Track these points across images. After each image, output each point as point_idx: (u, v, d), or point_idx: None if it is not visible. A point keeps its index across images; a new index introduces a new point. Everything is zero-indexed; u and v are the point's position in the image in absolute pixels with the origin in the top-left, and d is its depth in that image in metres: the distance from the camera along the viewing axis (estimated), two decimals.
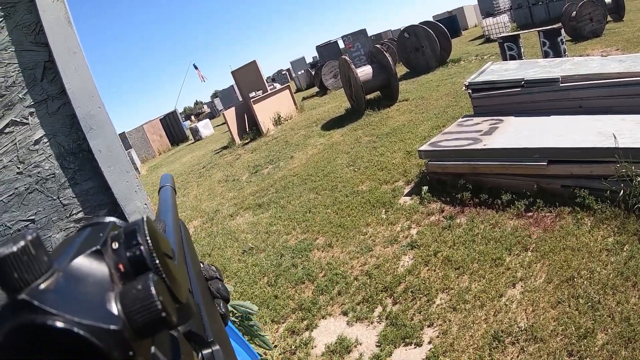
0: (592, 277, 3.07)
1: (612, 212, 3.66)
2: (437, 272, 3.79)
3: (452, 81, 11.88)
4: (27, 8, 1.34)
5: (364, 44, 24.02)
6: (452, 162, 5.11)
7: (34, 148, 1.34)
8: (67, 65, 1.35)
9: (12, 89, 1.32)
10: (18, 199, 1.31)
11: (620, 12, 18.92)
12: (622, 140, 3.73)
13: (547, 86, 5.31)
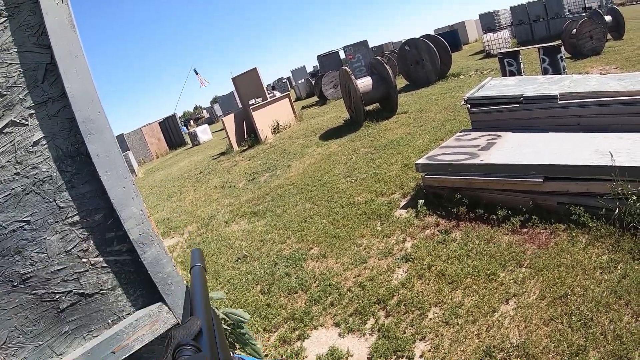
0: (585, 295, 3.06)
1: (607, 230, 3.67)
2: (430, 285, 3.77)
3: (452, 95, 11.96)
4: (31, 9, 1.36)
5: (364, 55, 24.18)
6: (449, 176, 5.12)
7: (32, 150, 1.36)
8: (68, 68, 1.36)
9: (13, 89, 1.34)
10: (14, 200, 1.33)
11: (620, 31, 19.18)
12: (619, 158, 3.74)
13: (546, 103, 5.34)
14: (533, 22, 26.99)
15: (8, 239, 1.33)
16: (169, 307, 1.54)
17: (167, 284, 1.55)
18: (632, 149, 4.07)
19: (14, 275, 1.35)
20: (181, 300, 1.57)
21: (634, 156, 3.87)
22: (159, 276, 1.54)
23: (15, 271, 1.35)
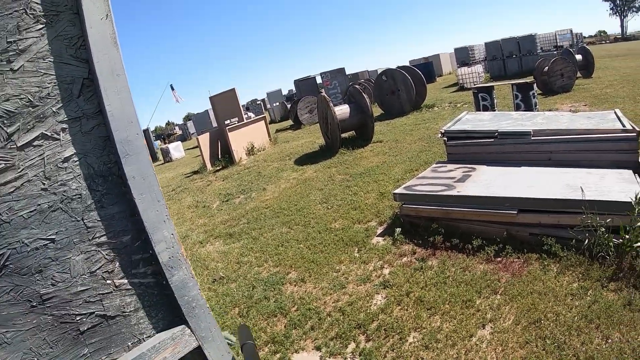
0: (558, 320, 3.24)
1: (577, 260, 3.90)
2: (409, 311, 3.87)
3: (426, 126, 12.31)
4: (70, 20, 1.36)
5: (341, 82, 24.71)
6: (426, 206, 5.27)
7: (62, 165, 1.35)
8: (109, 87, 1.37)
9: (46, 100, 1.32)
10: (39, 216, 1.31)
11: (590, 70, 20.27)
12: (589, 192, 4.01)
13: (519, 139, 5.63)
14: (506, 58, 28.16)
15: (30, 257, 1.30)
16: (191, 329, 1.55)
17: (191, 307, 1.56)
18: (601, 184, 4.35)
19: (33, 295, 1.31)
20: (203, 323, 1.58)
21: (602, 191, 4.14)
22: (184, 299, 1.55)
23: (35, 291, 1.32)
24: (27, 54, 1.28)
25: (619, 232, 3.75)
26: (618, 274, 3.67)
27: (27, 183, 1.28)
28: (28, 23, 1.28)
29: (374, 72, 38.58)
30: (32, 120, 1.29)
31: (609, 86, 15.61)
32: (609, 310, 3.23)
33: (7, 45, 1.24)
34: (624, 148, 5.03)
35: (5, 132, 1.24)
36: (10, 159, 1.25)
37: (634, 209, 3.68)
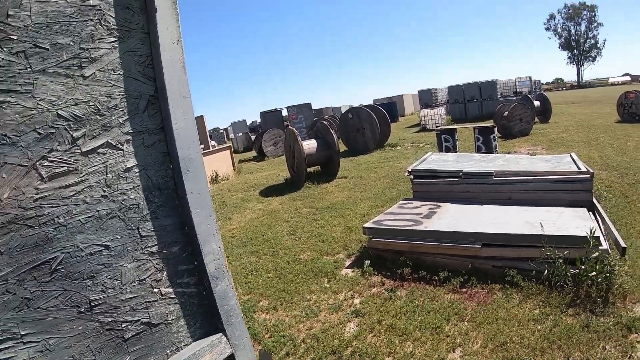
0: (522, 342, 3.54)
1: (537, 289, 4.25)
2: (382, 338, 4.04)
3: (390, 165, 12.75)
4: (141, 39, 1.45)
5: (306, 117, 25.21)
6: (394, 240, 5.52)
7: (123, 175, 1.41)
8: (177, 107, 1.47)
9: (114, 111, 1.39)
10: (97, 222, 1.35)
11: (547, 115, 21.72)
12: (548, 228, 4.41)
13: (483, 179, 6.04)
14: (467, 102, 29.47)
15: (82, 262, 1.34)
16: (227, 337, 1.61)
17: (229, 316, 1.63)
18: (558, 221, 4.76)
19: (82, 300, 1.33)
20: (238, 332, 1.64)
21: (560, 227, 4.55)
22: (224, 308, 1.62)
23: (85, 296, 1.34)
24: (99, 64, 1.36)
25: (576, 263, 4.15)
26: (575, 300, 4.05)
27: (88, 188, 1.34)
28: (102, 34, 1.37)
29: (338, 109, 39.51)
30: (99, 128, 1.36)
31: (565, 131, 16.78)
32: (569, 333, 3.58)
33: (80, 51, 1.32)
34: (579, 189, 5.54)
35: (71, 136, 1.30)
36: (73, 162, 1.31)
37: (589, 242, 4.07)
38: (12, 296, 1.20)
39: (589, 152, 11.53)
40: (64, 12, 1.29)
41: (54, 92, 1.28)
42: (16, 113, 1.20)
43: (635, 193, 7.51)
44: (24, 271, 1.22)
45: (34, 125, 1.24)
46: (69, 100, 1.30)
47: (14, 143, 1.20)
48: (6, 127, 1.19)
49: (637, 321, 3.65)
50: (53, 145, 1.28)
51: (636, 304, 3.97)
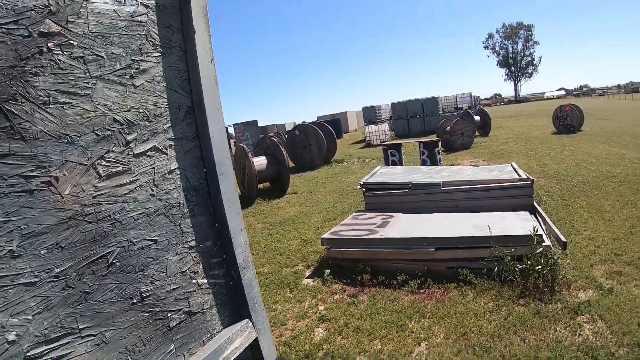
0: (481, 331, 3.94)
1: (489, 285, 4.71)
2: (350, 339, 4.28)
3: (338, 180, 13.14)
4: (179, 56, 1.62)
5: (253, 134, 25.30)
6: (352, 249, 5.80)
7: (168, 176, 1.56)
8: (212, 117, 1.66)
9: (159, 118, 1.54)
10: (147, 219, 1.47)
11: (487, 129, 23.14)
12: (494, 230, 4.88)
13: (431, 189, 6.52)
14: (410, 118, 30.58)
15: (135, 256, 1.45)
16: (253, 323, 1.80)
17: (254, 302, 1.82)
18: (502, 223, 5.28)
19: (134, 292, 1.45)
20: (260, 317, 1.83)
21: (505, 228, 5.06)
22: (250, 296, 1.80)
23: (137, 288, 1.45)
24: (147, 75, 1.54)
25: (522, 259, 4.67)
26: (525, 292, 4.54)
27: (139, 187, 1.49)
28: (148, 48, 1.55)
29: (282, 126, 39.71)
30: (148, 133, 1.52)
31: (504, 143, 18.02)
32: (522, 320, 4.04)
33: (131, 62, 1.48)
34: (521, 194, 6.16)
35: (125, 139, 1.45)
36: (127, 163, 1.45)
37: (533, 239, 4.59)
38: (72, 290, 1.28)
39: (527, 162, 12.52)
40: (117, 24, 1.45)
41: (109, 98, 1.42)
42: (77, 114, 1.33)
43: (572, 196, 8.41)
44: (83, 265, 1.32)
45: (92, 127, 1.37)
46: (122, 106, 1.46)
47: (75, 142, 1.32)
48: (67, 127, 1.30)
49: (582, 305, 4.20)
50: (109, 146, 1.41)
51: (580, 291, 4.54)
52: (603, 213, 7.15)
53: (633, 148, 13.54)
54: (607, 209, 7.37)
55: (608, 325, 3.84)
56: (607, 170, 10.50)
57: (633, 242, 5.70)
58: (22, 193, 1.19)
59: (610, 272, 4.88)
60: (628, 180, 9.27)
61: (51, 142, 1.26)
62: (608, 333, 3.72)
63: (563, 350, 3.51)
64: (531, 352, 3.53)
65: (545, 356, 3.46)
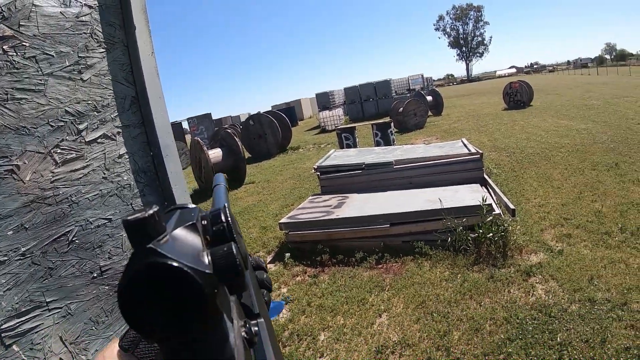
0: (438, 299, 4.11)
1: (444, 255, 4.90)
2: (314, 317, 4.38)
3: (294, 166, 13.19)
4: (122, 50, 1.71)
5: (207, 127, 24.86)
6: (310, 231, 5.88)
7: (118, 161, 1.64)
8: (155, 107, 1.73)
9: (107, 109, 1.63)
10: (101, 200, 1.57)
11: (439, 108, 23.64)
12: (446, 203, 5.08)
13: (383, 168, 6.69)
14: (364, 102, 30.73)
15: (92, 234, 1.57)
16: None
17: None
18: (455, 196, 5.50)
19: (94, 267, 1.57)
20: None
21: (457, 200, 5.28)
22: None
23: (96, 264, 1.57)
24: (93, 70, 1.63)
25: (474, 229, 4.88)
26: (479, 259, 4.77)
27: (92, 172, 1.60)
28: (93, 45, 1.64)
29: (237, 118, 39.19)
30: (97, 122, 1.63)
31: (457, 121, 18.53)
32: (477, 284, 4.26)
33: (79, 59, 1.59)
34: (471, 167, 6.44)
35: (77, 128, 1.56)
36: (79, 150, 1.56)
37: (482, 209, 4.82)
38: (38, 267, 1.41)
39: (479, 138, 12.98)
40: (64, 25, 1.55)
41: (61, 92, 1.52)
42: (32, 108, 1.43)
43: (521, 168, 8.82)
44: (46, 244, 1.44)
45: (47, 119, 1.47)
46: (73, 99, 1.56)
47: (32, 134, 1.43)
48: (25, 120, 1.41)
49: (534, 267, 4.47)
50: (63, 135, 1.52)
51: (531, 254, 4.82)
52: (552, 181, 7.54)
53: (581, 120, 14.20)
54: (556, 177, 7.77)
55: (559, 284, 4.09)
56: (556, 141, 11.03)
57: (581, 207, 6.05)
58: None
59: (560, 235, 5.19)
60: (576, 149, 9.76)
61: (11, 134, 1.38)
62: (560, 291, 3.97)
63: (517, 310, 3.73)
64: (487, 314, 3.74)
65: (501, 316, 3.67)
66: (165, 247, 0.35)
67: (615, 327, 3.31)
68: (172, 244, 0.37)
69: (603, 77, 44.62)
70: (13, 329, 1.32)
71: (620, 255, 4.47)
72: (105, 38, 1.68)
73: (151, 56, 1.79)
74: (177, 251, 0.36)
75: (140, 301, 0.34)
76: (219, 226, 0.48)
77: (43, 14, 1.47)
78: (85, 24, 1.61)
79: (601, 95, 22.31)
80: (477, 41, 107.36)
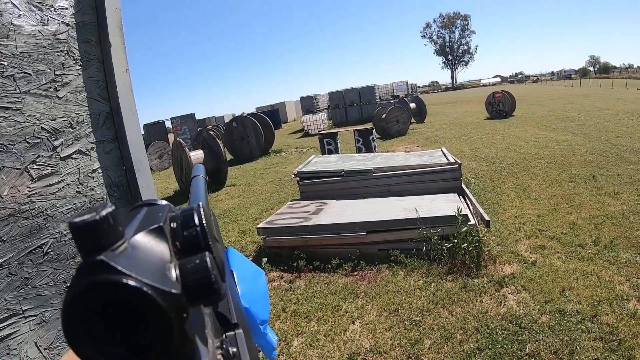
0: (411, 307, 4.20)
1: (419, 264, 5.00)
2: (288, 323, 4.43)
3: (276, 170, 13.22)
4: (98, 67, 1.74)
5: (190, 128, 24.74)
6: (287, 237, 5.91)
7: (91, 175, 1.68)
8: (129, 122, 1.77)
9: (81, 125, 1.66)
10: (74, 213, 1.59)
11: (422, 116, 23.90)
12: (422, 212, 5.18)
13: (362, 176, 6.78)
14: (348, 107, 30.81)
15: (66, 246, 1.62)
16: None
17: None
18: (431, 205, 5.60)
19: (68, 277, 1.63)
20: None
21: (433, 210, 5.37)
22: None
23: (70, 274, 1.63)
24: (69, 87, 1.68)
25: (449, 238, 4.98)
26: (453, 269, 4.87)
27: (66, 186, 1.66)
28: (69, 62, 1.69)
29: (221, 118, 39.01)
30: (72, 138, 1.68)
31: (439, 129, 18.72)
32: (450, 294, 4.36)
33: (55, 77, 1.63)
34: (449, 177, 6.56)
35: (52, 144, 1.61)
36: (55, 166, 1.62)
37: (457, 219, 4.92)
38: (15, 277, 1.47)
39: (460, 146, 13.16)
40: (41, 43, 1.59)
41: (37, 110, 1.57)
42: (10, 126, 1.48)
43: (500, 178, 8.99)
44: (22, 255, 1.50)
45: (24, 136, 1.53)
46: (49, 116, 1.61)
47: (10, 150, 1.48)
48: (3, 137, 1.46)
49: (507, 278, 4.58)
50: (39, 152, 1.58)
51: (505, 265, 4.93)
52: (529, 192, 7.69)
53: (561, 131, 14.49)
54: (534, 188, 7.93)
55: (531, 295, 4.20)
56: (535, 152, 11.24)
57: (556, 218, 6.21)
58: None
59: (534, 247, 5.32)
60: (554, 161, 9.97)
61: None
62: (531, 302, 4.08)
63: (488, 320, 3.83)
64: (458, 323, 3.83)
65: (472, 326, 3.77)
66: (121, 260, 0.29)
67: (584, 338, 3.41)
68: (129, 255, 0.30)
69: (586, 89, 45.62)
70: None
71: (593, 267, 4.60)
72: (82, 55, 1.73)
73: (125, 72, 1.84)
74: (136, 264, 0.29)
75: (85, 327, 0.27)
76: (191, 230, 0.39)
77: (21, 32, 1.51)
78: (62, 42, 1.66)
79: (583, 107, 22.79)
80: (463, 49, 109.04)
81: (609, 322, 3.59)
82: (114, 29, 1.81)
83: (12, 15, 1.48)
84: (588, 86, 50.66)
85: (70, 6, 1.69)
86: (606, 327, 3.53)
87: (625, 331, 3.45)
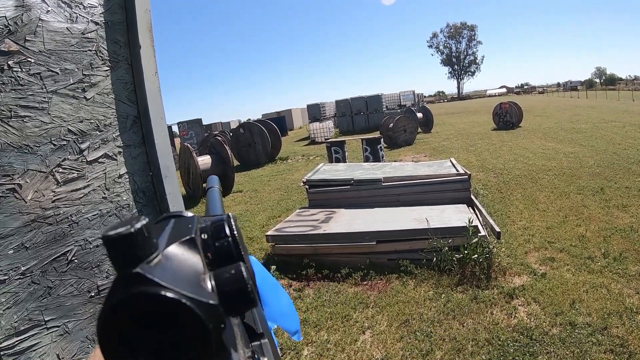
0: (422, 318, 4.17)
1: (429, 274, 4.97)
2: None
3: (282, 177, 13.21)
4: (126, 69, 1.71)
5: (197, 133, 24.82)
6: (296, 245, 5.90)
7: (118, 180, 1.64)
8: (157, 127, 1.74)
9: (109, 128, 1.63)
10: (100, 220, 1.57)
11: (429, 125, 23.84)
12: (432, 223, 5.15)
13: (372, 185, 6.76)
14: (355, 115, 30.87)
15: (91, 254, 1.58)
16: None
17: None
18: (441, 216, 5.57)
19: (92, 286, 1.58)
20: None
21: (443, 220, 5.35)
22: None
23: (94, 283, 1.59)
24: (97, 88, 1.65)
25: (460, 249, 4.96)
26: (463, 280, 4.84)
27: (92, 192, 1.62)
28: (98, 63, 1.66)
29: (227, 124, 39.13)
30: (99, 142, 1.65)
31: (446, 139, 18.69)
32: (460, 305, 4.33)
33: (83, 77, 1.60)
34: (459, 188, 6.54)
35: (79, 147, 1.58)
36: (81, 170, 1.58)
37: (468, 230, 4.90)
38: (37, 286, 1.42)
39: (467, 157, 13.13)
40: (69, 41, 1.55)
41: (64, 110, 1.53)
42: (35, 127, 1.44)
43: (508, 189, 8.95)
44: (45, 263, 1.45)
45: (50, 137, 1.48)
46: (76, 118, 1.57)
47: (35, 152, 1.44)
48: (28, 139, 1.42)
49: (517, 289, 4.54)
50: (65, 155, 1.53)
51: (515, 277, 4.90)
52: (538, 204, 7.66)
53: (568, 143, 14.43)
54: (542, 200, 7.90)
55: (542, 307, 4.18)
56: (543, 164, 11.19)
57: (565, 230, 6.18)
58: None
59: (543, 259, 5.29)
60: (562, 173, 9.93)
61: (14, 152, 1.37)
62: (542, 314, 4.05)
63: (500, 332, 3.81)
64: (469, 335, 3.80)
65: (483, 337, 3.75)
66: (157, 272, 0.29)
67: (595, 351, 3.39)
68: (165, 267, 0.30)
69: (592, 100, 45.48)
70: (12, 347, 1.33)
71: (602, 280, 4.57)
72: (110, 56, 1.69)
73: (154, 76, 1.81)
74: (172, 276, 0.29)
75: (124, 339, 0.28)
76: (222, 241, 0.40)
77: (49, 29, 1.47)
78: (91, 41, 1.62)
79: (589, 118, 22.72)
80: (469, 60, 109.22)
81: (619, 335, 3.58)
82: (144, 30, 1.78)
83: (40, 11, 1.44)
84: (594, 98, 50.53)
85: (99, 4, 1.66)
86: (616, 339, 3.52)
87: (635, 343, 3.43)
